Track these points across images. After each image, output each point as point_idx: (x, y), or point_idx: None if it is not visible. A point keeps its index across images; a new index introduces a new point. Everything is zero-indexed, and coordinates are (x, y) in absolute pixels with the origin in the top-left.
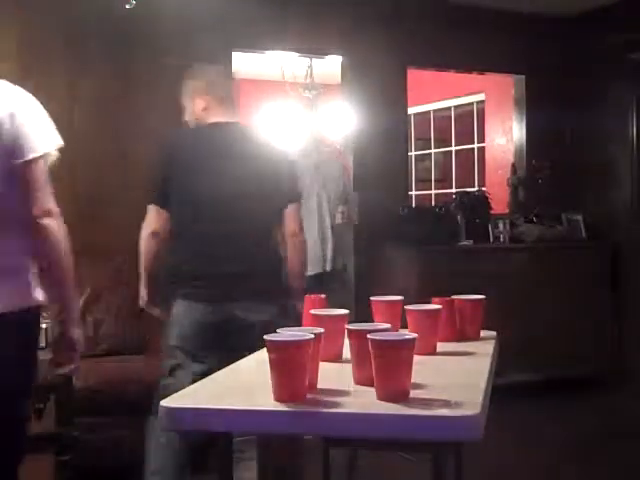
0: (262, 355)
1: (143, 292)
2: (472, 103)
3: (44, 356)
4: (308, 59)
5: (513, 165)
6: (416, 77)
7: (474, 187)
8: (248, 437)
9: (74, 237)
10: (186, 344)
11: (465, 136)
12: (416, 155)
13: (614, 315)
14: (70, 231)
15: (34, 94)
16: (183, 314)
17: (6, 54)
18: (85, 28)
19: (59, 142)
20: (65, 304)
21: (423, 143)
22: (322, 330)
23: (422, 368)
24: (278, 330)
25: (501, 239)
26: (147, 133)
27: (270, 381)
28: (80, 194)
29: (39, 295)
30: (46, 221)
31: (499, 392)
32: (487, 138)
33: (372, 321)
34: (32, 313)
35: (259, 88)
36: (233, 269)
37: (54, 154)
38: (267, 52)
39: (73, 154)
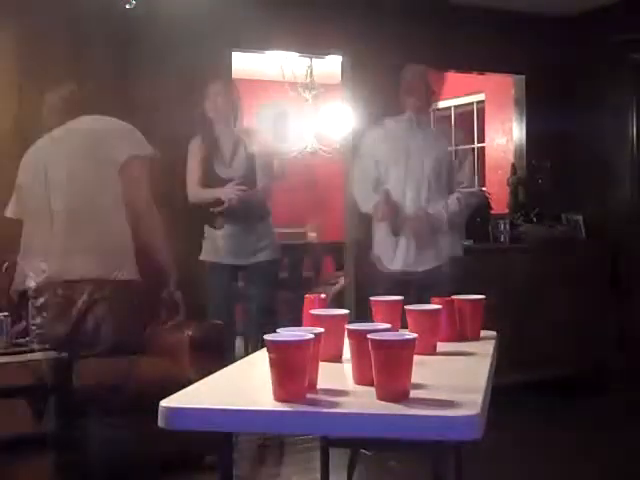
0: (262, 355)
1: None
2: (472, 103)
3: None
4: (308, 59)
5: (513, 165)
6: None
7: (474, 187)
8: None
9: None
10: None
11: (465, 136)
12: None
13: (614, 315)
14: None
15: (33, 94)
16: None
17: (6, 55)
18: (85, 28)
19: (146, 150)
20: (167, 274)
21: None
22: (322, 330)
23: (422, 368)
24: (278, 330)
25: (501, 239)
26: (147, 133)
27: (270, 381)
28: None
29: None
30: (149, 210)
31: (499, 392)
32: (487, 138)
33: (372, 321)
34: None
35: (259, 88)
36: None
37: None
38: (267, 52)
39: None
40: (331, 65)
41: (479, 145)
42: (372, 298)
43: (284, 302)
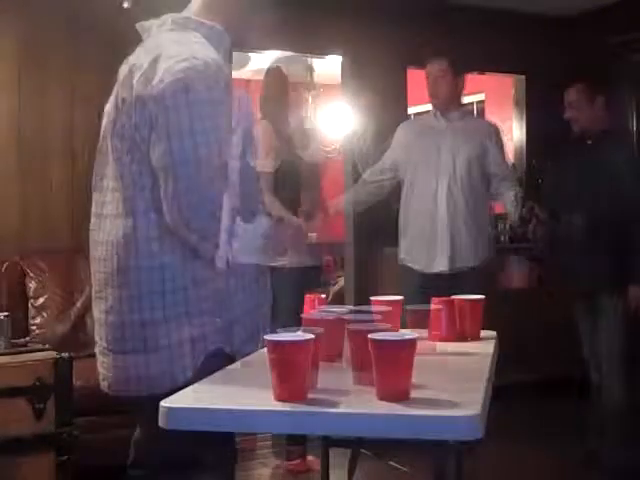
0: (262, 355)
1: None
2: (472, 103)
3: None
4: (308, 59)
5: (513, 165)
6: (416, 77)
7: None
8: None
9: (74, 236)
10: None
11: None
12: None
13: None
14: (69, 230)
15: (34, 93)
16: None
17: (6, 53)
18: (85, 27)
19: None
20: None
21: None
22: (322, 330)
23: (422, 368)
24: (278, 330)
25: (501, 239)
26: None
27: (270, 381)
28: (79, 192)
29: None
30: None
31: (499, 392)
32: None
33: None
34: None
35: (259, 88)
36: None
37: None
38: (267, 52)
39: (72, 153)
40: (331, 65)
41: None
42: (372, 298)
43: None
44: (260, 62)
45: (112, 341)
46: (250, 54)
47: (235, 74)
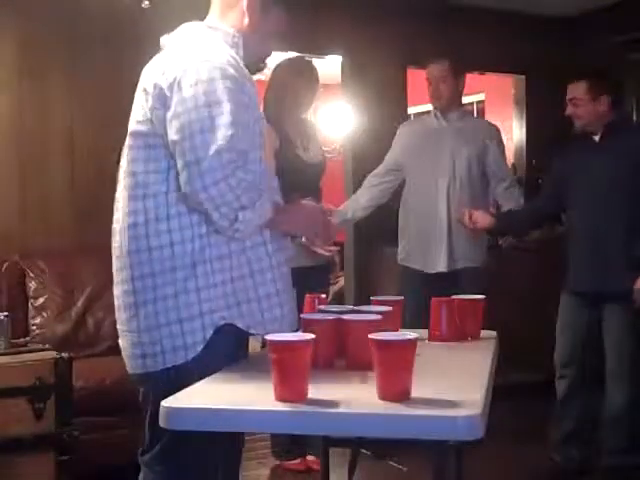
0: (262, 355)
1: None
2: (472, 103)
3: None
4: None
5: (513, 165)
6: (416, 77)
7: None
8: None
9: (74, 236)
10: None
11: None
12: None
13: None
14: (69, 230)
15: (34, 94)
16: None
17: (6, 53)
18: (85, 27)
19: None
20: None
21: None
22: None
23: (422, 368)
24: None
25: (501, 239)
26: None
27: (271, 381)
28: (79, 193)
29: None
30: None
31: (499, 392)
32: None
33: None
34: None
35: (260, 88)
36: None
37: None
38: None
39: (72, 153)
40: (331, 65)
41: None
42: (372, 298)
43: None
44: None
45: (126, 321)
46: None
47: None
